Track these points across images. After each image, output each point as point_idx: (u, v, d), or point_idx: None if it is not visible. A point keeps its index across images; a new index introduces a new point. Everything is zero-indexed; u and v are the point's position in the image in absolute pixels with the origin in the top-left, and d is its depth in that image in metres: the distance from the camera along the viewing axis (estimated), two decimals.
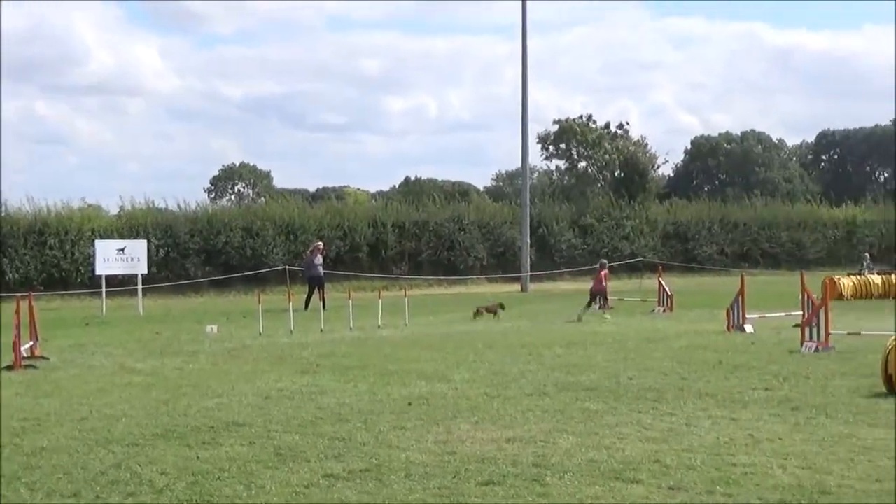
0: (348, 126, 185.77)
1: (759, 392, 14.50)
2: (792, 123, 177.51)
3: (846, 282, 36.97)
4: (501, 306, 30.21)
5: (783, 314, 25.82)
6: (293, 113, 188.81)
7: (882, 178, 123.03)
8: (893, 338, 14.63)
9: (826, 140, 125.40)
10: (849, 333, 21.16)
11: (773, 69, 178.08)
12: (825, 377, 15.79)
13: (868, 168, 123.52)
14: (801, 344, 19.63)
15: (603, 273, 30.46)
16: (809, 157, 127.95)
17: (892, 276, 38.98)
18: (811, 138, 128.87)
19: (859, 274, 41.72)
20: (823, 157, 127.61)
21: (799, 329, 20.55)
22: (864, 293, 36.50)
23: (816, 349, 19.20)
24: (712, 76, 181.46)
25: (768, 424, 12.02)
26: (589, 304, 29.70)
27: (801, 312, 22.50)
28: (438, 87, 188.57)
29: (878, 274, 40.75)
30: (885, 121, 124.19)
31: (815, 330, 19.82)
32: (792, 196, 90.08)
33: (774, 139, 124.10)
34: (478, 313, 29.91)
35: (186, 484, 9.42)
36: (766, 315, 26.02)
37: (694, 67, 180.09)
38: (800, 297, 23.29)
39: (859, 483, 9.12)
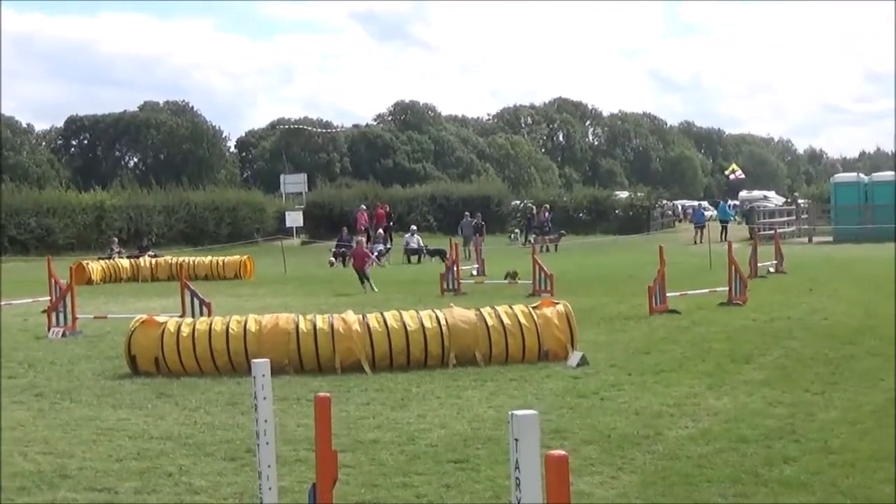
0: None
1: (3, 380, 14.15)
2: (39, 108, 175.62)
3: (95, 266, 37.27)
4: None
5: (31, 300, 25.39)
6: None
7: (132, 162, 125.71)
8: (137, 319, 14.98)
9: (75, 125, 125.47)
10: (96, 317, 21.36)
11: (15, 54, 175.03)
12: (71, 361, 15.79)
13: (118, 153, 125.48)
14: (48, 329, 19.44)
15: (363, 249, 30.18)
16: (59, 142, 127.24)
17: (140, 259, 39.96)
18: (60, 123, 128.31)
19: (109, 258, 42.23)
20: (73, 143, 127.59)
21: (46, 315, 20.33)
22: (113, 277, 37.01)
23: (64, 334, 19.10)
24: None
25: (11, 412, 11.80)
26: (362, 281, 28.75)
27: (49, 298, 22.31)
28: None
29: (128, 258, 41.56)
30: (132, 107, 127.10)
31: (62, 315, 19.73)
32: (42, 182, 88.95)
33: (24, 124, 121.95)
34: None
35: None
36: (13, 302, 25.46)
37: None
38: (48, 282, 23.11)
39: (101, 463, 9.23)
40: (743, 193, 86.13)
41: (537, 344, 14.44)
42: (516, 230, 61.05)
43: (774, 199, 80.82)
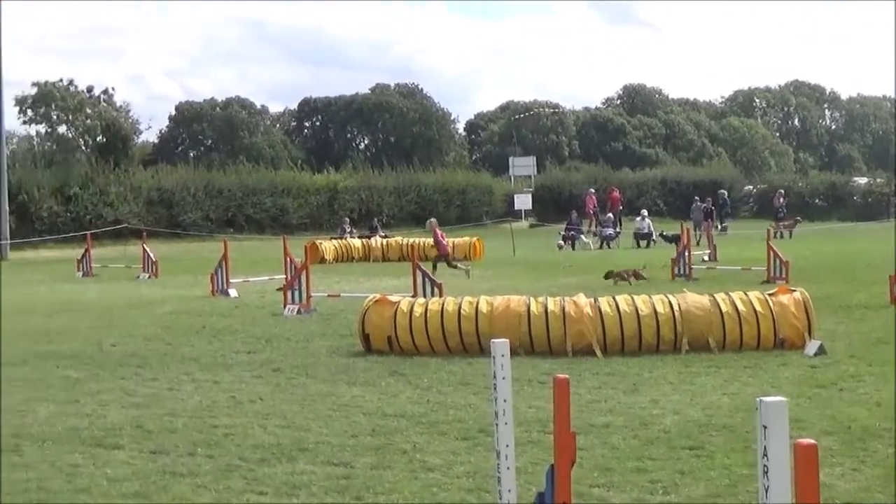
0: None
1: (243, 355, 14.66)
2: (273, 91, 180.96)
3: (328, 245, 38.23)
4: (636, 274, 24.79)
5: (267, 278, 26.23)
6: None
7: (363, 144, 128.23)
8: (370, 298, 15.24)
9: (308, 107, 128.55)
10: (329, 295, 21.87)
11: (249, 38, 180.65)
12: (306, 338, 16.20)
13: (349, 135, 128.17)
14: (284, 306, 19.99)
15: (438, 232, 29.72)
16: (293, 123, 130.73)
17: (371, 240, 40.78)
18: (293, 105, 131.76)
19: (340, 238, 43.26)
20: (306, 125, 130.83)
21: (282, 292, 20.92)
22: (345, 257, 37.90)
23: (299, 311, 19.62)
24: (189, 44, 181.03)
25: (250, 386, 12.18)
26: (452, 266, 28.52)
27: (284, 276, 22.99)
28: None
29: (359, 238, 42.49)
30: (364, 89, 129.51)
31: (297, 293, 20.25)
32: (276, 162, 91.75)
33: (258, 106, 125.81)
34: (613, 277, 24.62)
35: None
36: (251, 279, 26.34)
37: (170, 35, 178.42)
38: (283, 261, 23.83)
39: (337, 438, 9.41)
40: None
41: (773, 332, 14.04)
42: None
43: None
